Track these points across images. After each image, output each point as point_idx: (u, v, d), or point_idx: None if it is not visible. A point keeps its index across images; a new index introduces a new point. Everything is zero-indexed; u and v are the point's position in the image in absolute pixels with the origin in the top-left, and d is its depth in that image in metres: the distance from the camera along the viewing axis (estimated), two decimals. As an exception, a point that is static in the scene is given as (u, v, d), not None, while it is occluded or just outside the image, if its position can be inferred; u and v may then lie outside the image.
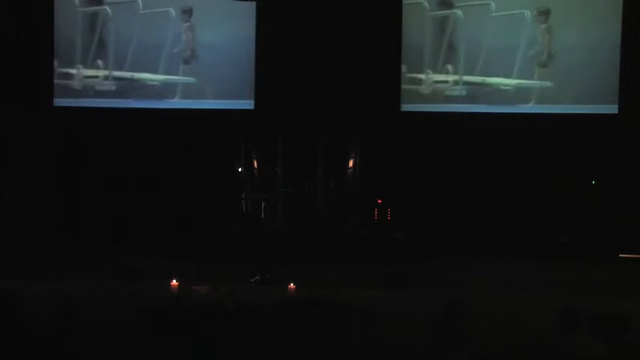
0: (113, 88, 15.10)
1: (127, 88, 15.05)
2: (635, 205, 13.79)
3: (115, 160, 14.97)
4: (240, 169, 14.04)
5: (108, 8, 15.03)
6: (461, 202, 14.13)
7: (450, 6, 14.35)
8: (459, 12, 14.32)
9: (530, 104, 14.17)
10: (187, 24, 14.85)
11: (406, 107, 14.67)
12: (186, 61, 14.85)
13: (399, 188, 14.31)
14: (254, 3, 14.44)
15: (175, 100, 14.94)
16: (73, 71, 15.16)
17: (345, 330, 6.47)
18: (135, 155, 14.90)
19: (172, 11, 14.82)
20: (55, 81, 15.15)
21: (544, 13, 14.03)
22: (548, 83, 14.07)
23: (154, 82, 14.96)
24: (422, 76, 14.47)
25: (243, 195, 13.97)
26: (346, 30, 14.29)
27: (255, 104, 14.88)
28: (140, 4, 14.95)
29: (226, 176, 14.24)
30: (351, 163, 13.88)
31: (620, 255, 13.63)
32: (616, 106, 13.92)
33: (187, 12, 14.86)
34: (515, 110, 14.33)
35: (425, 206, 14.14)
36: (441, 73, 14.42)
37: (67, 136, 15.14)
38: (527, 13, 14.08)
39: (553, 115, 14.26)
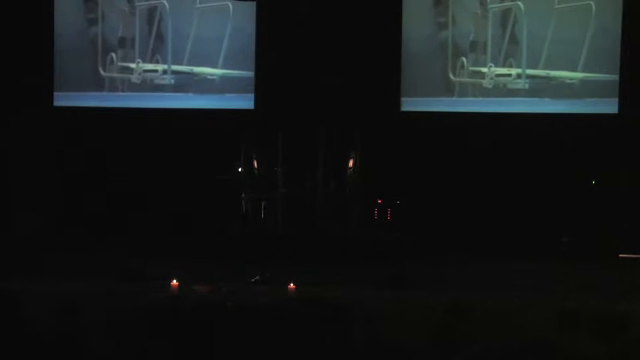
0: (172, 82, 15.10)
1: (186, 82, 15.07)
2: (636, 205, 13.80)
3: (114, 160, 14.98)
4: (240, 169, 14.04)
5: (165, 2, 15.06)
6: (461, 202, 14.15)
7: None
8: (520, 4, 14.30)
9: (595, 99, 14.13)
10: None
11: (407, 107, 14.69)
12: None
13: (399, 188, 14.32)
14: (254, 3, 14.45)
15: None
16: (132, 65, 15.17)
17: (344, 330, 6.46)
18: (134, 155, 14.92)
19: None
20: (114, 74, 15.15)
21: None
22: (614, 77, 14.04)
23: (213, 77, 14.96)
24: (484, 70, 14.45)
25: (243, 195, 13.97)
26: (346, 29, 14.31)
27: (255, 104, 14.91)
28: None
29: (226, 176, 14.23)
30: (351, 163, 13.88)
31: (620, 255, 13.63)
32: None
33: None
34: (519, 110, 14.36)
35: (425, 206, 14.15)
36: (503, 66, 14.39)
37: (67, 136, 15.15)
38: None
39: (553, 115, 14.28)
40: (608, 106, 14.09)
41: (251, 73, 14.93)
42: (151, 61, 15.20)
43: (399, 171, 14.29)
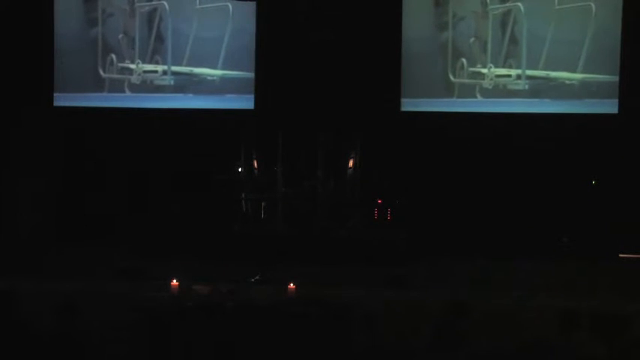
0: (172, 82, 15.10)
1: (186, 82, 15.07)
2: (635, 205, 13.80)
3: (114, 160, 14.99)
4: (240, 169, 14.04)
5: (165, 3, 15.06)
6: (461, 202, 14.15)
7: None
8: (520, 5, 14.29)
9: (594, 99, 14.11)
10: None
11: (407, 107, 14.69)
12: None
13: (399, 188, 14.32)
14: (254, 3, 14.46)
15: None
16: (132, 66, 15.17)
17: (345, 330, 6.47)
18: (134, 155, 14.92)
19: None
20: (114, 75, 15.16)
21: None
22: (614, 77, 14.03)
23: (213, 77, 14.96)
24: (484, 71, 14.46)
25: (243, 195, 13.97)
26: (346, 30, 14.31)
27: (255, 104, 14.91)
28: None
29: (226, 176, 14.23)
30: (351, 163, 13.88)
31: (620, 255, 13.63)
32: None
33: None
34: (519, 110, 14.37)
35: (425, 206, 14.15)
36: (503, 67, 14.39)
37: (67, 136, 15.16)
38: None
39: (553, 116, 14.28)
40: (608, 106, 14.09)
41: (251, 74, 14.93)
42: (150, 62, 15.20)
43: (399, 171, 14.29)
